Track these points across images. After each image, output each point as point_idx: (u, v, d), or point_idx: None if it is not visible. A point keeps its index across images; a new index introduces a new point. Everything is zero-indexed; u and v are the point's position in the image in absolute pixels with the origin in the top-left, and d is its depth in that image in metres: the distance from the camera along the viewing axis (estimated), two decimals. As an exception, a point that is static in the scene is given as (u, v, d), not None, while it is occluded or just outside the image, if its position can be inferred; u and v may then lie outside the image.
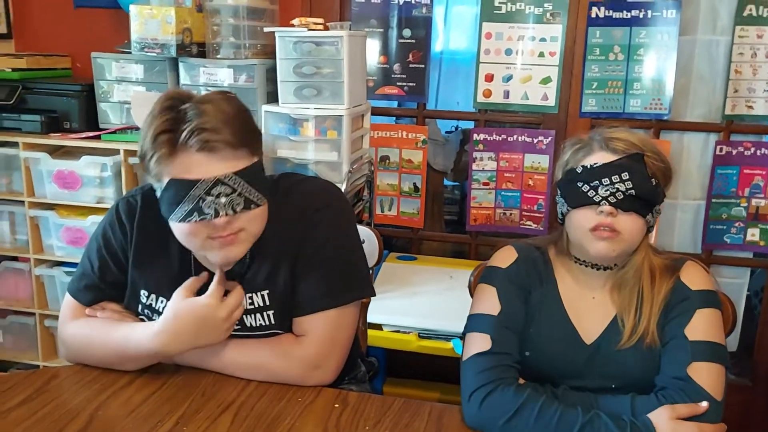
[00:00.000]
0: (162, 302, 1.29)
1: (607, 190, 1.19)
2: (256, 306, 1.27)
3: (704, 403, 1.12)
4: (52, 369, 1.30)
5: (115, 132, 2.25)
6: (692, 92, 2.48)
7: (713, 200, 2.51)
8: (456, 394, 1.21)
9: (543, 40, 2.49)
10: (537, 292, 1.29)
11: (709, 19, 2.42)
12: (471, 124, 2.72)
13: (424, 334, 2.14)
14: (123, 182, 2.22)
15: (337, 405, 1.20)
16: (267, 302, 1.27)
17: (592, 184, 1.20)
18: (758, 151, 2.46)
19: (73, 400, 1.19)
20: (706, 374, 1.15)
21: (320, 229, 1.26)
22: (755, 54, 2.40)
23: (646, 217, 1.21)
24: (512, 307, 1.26)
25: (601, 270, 1.28)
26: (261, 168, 1.23)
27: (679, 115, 2.50)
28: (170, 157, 1.13)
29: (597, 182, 1.20)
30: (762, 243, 2.52)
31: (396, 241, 3.04)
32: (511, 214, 2.65)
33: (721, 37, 2.42)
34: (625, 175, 1.19)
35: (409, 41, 2.61)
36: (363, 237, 1.70)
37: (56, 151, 2.30)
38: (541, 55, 2.50)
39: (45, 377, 1.26)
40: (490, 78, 2.56)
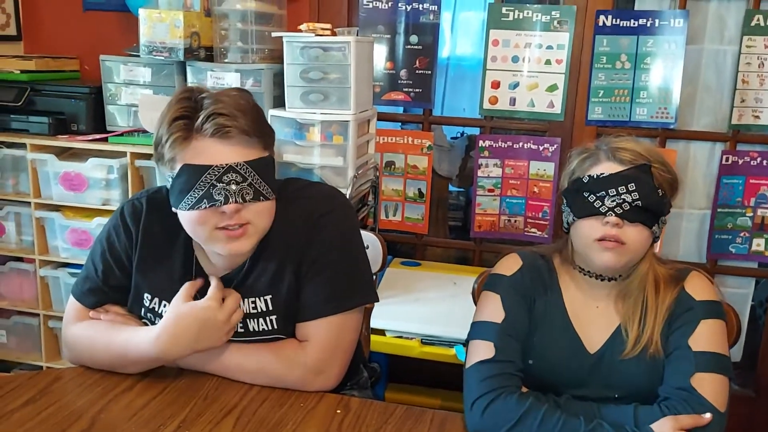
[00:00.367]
0: (164, 306, 1.29)
1: (613, 201, 1.19)
2: (259, 311, 1.28)
3: (708, 415, 1.11)
4: (55, 371, 1.30)
5: (122, 134, 2.26)
6: (699, 101, 2.47)
7: (719, 210, 2.51)
8: (458, 401, 1.21)
9: (550, 47, 2.50)
10: (541, 301, 1.29)
11: (716, 28, 2.42)
12: (477, 131, 2.72)
13: (427, 341, 2.14)
14: (129, 185, 2.23)
15: (338, 411, 1.20)
16: (270, 307, 1.27)
17: (598, 195, 1.20)
18: (764, 161, 2.46)
19: (76, 402, 1.19)
20: (709, 385, 1.14)
21: (324, 234, 1.26)
22: (762, 64, 2.39)
23: (652, 228, 1.21)
24: (516, 315, 1.26)
25: (605, 280, 1.27)
26: (272, 164, 1.25)
27: (685, 124, 2.49)
28: (185, 141, 1.16)
29: (603, 193, 1.20)
30: (767, 253, 2.51)
31: (400, 247, 3.04)
32: (515, 221, 2.65)
33: (728, 47, 2.42)
34: (632, 186, 1.19)
35: (416, 47, 2.61)
36: (367, 242, 1.70)
37: (63, 153, 2.31)
38: (548, 62, 2.51)
39: (48, 379, 1.26)
40: (496, 85, 2.56)
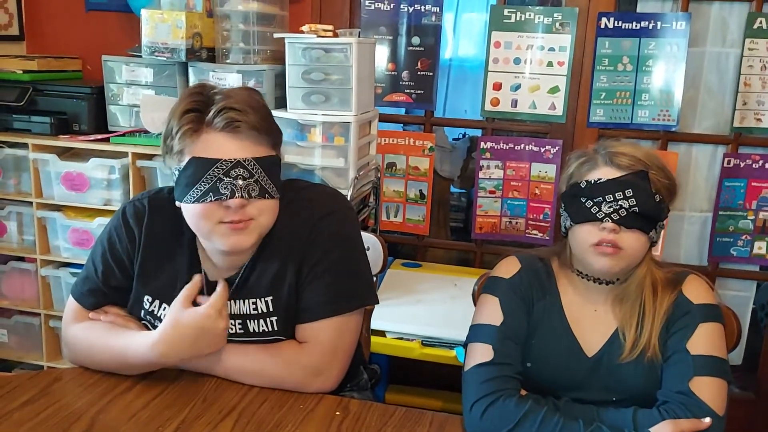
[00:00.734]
0: (164, 309, 1.29)
1: (610, 207, 1.19)
2: (260, 312, 1.28)
3: (707, 419, 1.11)
4: (55, 371, 1.30)
5: (123, 135, 2.27)
6: (701, 104, 2.47)
7: (720, 213, 2.50)
8: (459, 402, 1.21)
9: (552, 49, 2.49)
10: (539, 304, 1.29)
11: (718, 31, 2.42)
12: (478, 132, 2.72)
13: (428, 342, 2.14)
14: (131, 185, 2.23)
15: (338, 412, 1.20)
16: (270, 308, 1.28)
17: (595, 200, 1.20)
18: (766, 164, 2.45)
19: (75, 403, 1.19)
20: (708, 389, 1.14)
21: (325, 236, 1.27)
22: (765, 67, 2.39)
23: (650, 233, 1.21)
24: (514, 318, 1.26)
25: (603, 284, 1.27)
26: (279, 164, 1.26)
27: (687, 126, 2.49)
28: (195, 134, 1.18)
29: (600, 198, 1.20)
30: (769, 256, 2.51)
31: (401, 248, 3.04)
32: (517, 222, 2.65)
33: (730, 50, 2.42)
34: (629, 192, 1.19)
35: (418, 49, 2.61)
36: (368, 244, 1.70)
37: (65, 153, 2.31)
38: (550, 64, 2.50)
39: (48, 379, 1.27)
40: (498, 86, 2.56)
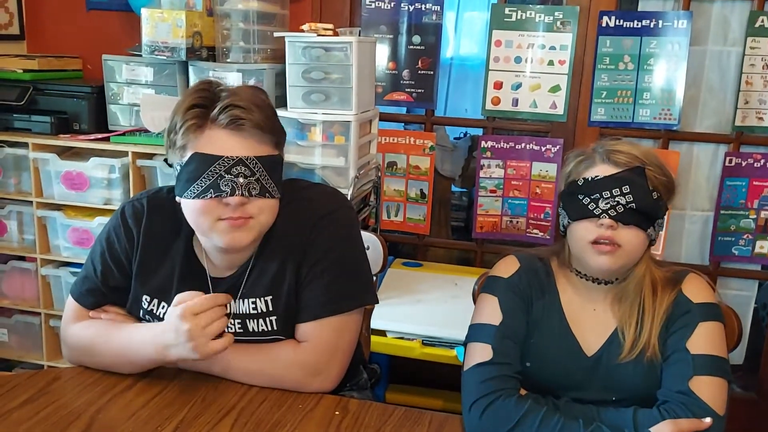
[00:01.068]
0: (163, 308, 1.29)
1: (607, 203, 1.19)
2: (259, 311, 1.27)
3: (708, 419, 1.11)
4: (54, 370, 1.30)
5: (124, 134, 2.26)
6: (702, 103, 2.47)
7: (722, 212, 2.50)
8: (460, 402, 1.21)
9: (553, 48, 2.49)
10: (539, 303, 1.29)
11: (720, 29, 2.41)
12: (480, 131, 2.72)
13: (428, 342, 2.14)
14: (131, 184, 2.23)
15: (337, 412, 1.20)
16: (270, 308, 1.27)
17: (592, 197, 1.20)
18: (768, 163, 2.45)
19: (75, 402, 1.19)
20: (708, 388, 1.14)
21: (325, 236, 1.26)
22: (766, 65, 2.38)
23: (647, 230, 1.21)
24: (514, 318, 1.26)
25: (602, 284, 1.27)
26: (281, 164, 1.26)
27: (688, 125, 2.48)
28: (198, 129, 1.18)
29: (597, 195, 1.20)
30: (770, 256, 2.50)
31: (402, 248, 3.04)
32: (517, 222, 2.64)
33: (732, 48, 2.41)
34: (626, 189, 1.18)
35: (419, 48, 2.61)
36: (368, 243, 1.70)
37: (65, 152, 2.31)
38: (551, 63, 2.50)
39: (47, 378, 1.27)
40: (499, 85, 2.56)
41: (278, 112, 2.10)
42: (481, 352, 1.21)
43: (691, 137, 2.49)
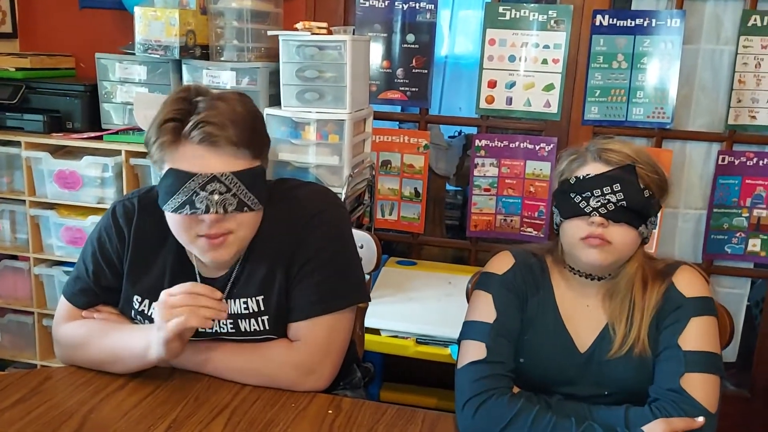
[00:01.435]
0: (154, 308, 1.29)
1: (598, 201, 1.19)
2: (251, 311, 1.27)
3: (700, 419, 1.11)
4: (46, 370, 1.30)
5: (117, 133, 2.26)
6: (695, 101, 2.47)
7: (715, 210, 2.51)
8: (454, 400, 1.21)
9: (546, 47, 2.49)
10: (533, 299, 1.29)
11: (713, 28, 2.42)
12: (474, 130, 2.72)
13: (422, 340, 2.14)
14: (124, 183, 2.22)
15: (330, 411, 1.20)
16: (262, 307, 1.27)
17: (583, 195, 1.20)
18: (761, 162, 2.46)
19: (67, 401, 1.18)
20: (700, 386, 1.14)
21: (316, 234, 1.26)
22: (759, 64, 2.39)
23: (639, 228, 1.21)
24: (508, 315, 1.26)
25: (594, 280, 1.27)
26: (262, 174, 1.23)
27: (681, 124, 2.49)
28: (172, 144, 1.15)
29: (589, 193, 1.20)
30: (763, 253, 2.51)
31: (396, 246, 3.04)
32: (511, 220, 2.65)
33: (725, 47, 2.42)
34: (617, 187, 1.19)
35: (413, 46, 2.61)
36: (361, 242, 1.70)
37: (58, 151, 2.30)
38: (545, 62, 2.50)
39: (39, 378, 1.26)
40: (493, 84, 2.56)
41: (272, 111, 2.14)
42: (475, 351, 1.21)
43: (684, 136, 2.50)
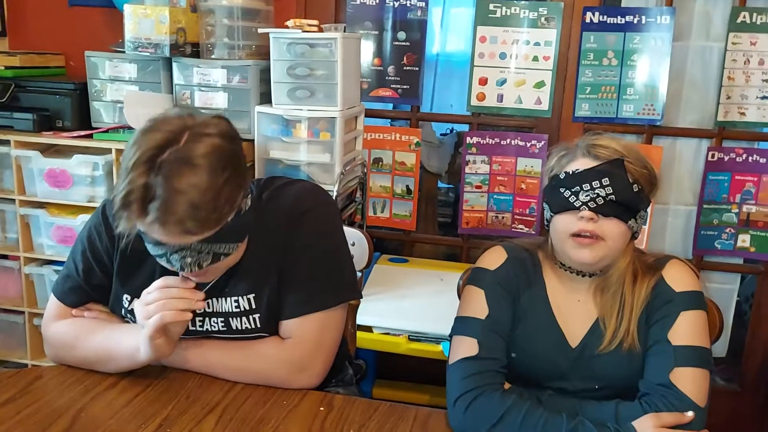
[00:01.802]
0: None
1: (587, 196, 1.20)
2: (242, 310, 1.27)
3: (690, 413, 1.12)
4: (36, 369, 1.29)
5: (107, 131, 2.25)
6: (685, 98, 2.49)
7: (705, 206, 2.52)
8: (446, 396, 1.21)
9: (537, 44, 2.50)
10: (525, 295, 1.29)
11: (702, 25, 2.43)
12: (465, 127, 2.73)
13: (414, 337, 2.15)
14: (114, 181, 2.21)
15: (322, 408, 1.20)
16: (253, 306, 1.27)
17: (573, 190, 1.21)
18: (750, 158, 2.47)
19: (57, 401, 1.18)
20: (689, 380, 1.15)
21: (306, 232, 1.26)
22: (748, 61, 2.41)
23: (629, 222, 1.21)
24: (500, 311, 1.26)
25: (585, 276, 1.28)
26: (238, 218, 1.15)
27: (671, 120, 2.51)
28: (137, 219, 1.07)
29: (578, 188, 1.20)
30: (752, 249, 2.53)
31: (388, 244, 3.04)
32: (503, 217, 2.65)
33: (714, 44, 2.43)
34: (606, 181, 1.19)
35: (404, 44, 2.61)
36: (353, 239, 1.70)
37: (48, 150, 2.29)
38: (535, 59, 2.51)
39: (29, 377, 1.26)
40: (484, 81, 2.56)
41: (263, 109, 2.14)
42: (467, 347, 1.22)
43: (674, 132, 2.52)
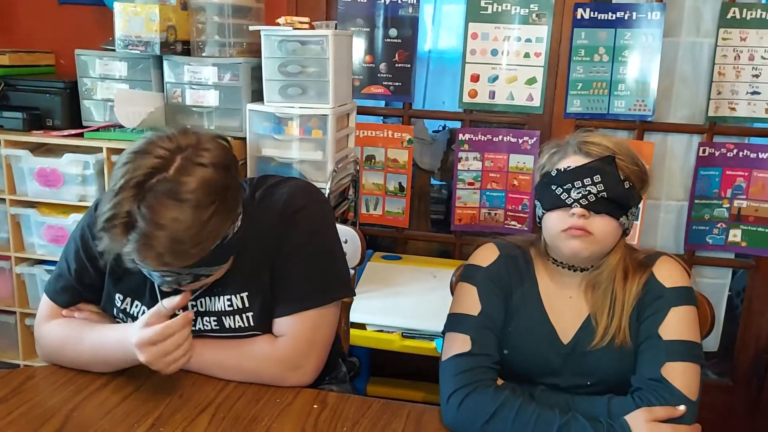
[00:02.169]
0: (137, 306, 1.28)
1: (579, 193, 1.20)
2: (235, 308, 1.27)
3: (682, 407, 1.12)
4: (28, 369, 1.29)
5: (98, 130, 2.24)
6: (676, 94, 2.49)
7: (696, 201, 2.53)
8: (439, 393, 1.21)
9: (528, 40, 2.50)
10: (518, 291, 1.29)
11: (692, 21, 2.44)
12: (457, 124, 2.73)
13: (408, 334, 2.15)
14: (106, 180, 2.20)
15: (315, 406, 1.20)
16: (246, 304, 1.27)
17: (564, 187, 1.21)
18: (740, 153, 2.48)
19: (49, 400, 1.18)
20: (680, 374, 1.15)
21: (298, 230, 1.26)
22: (738, 56, 2.42)
23: (620, 219, 1.22)
24: (492, 308, 1.27)
25: (577, 271, 1.28)
26: (224, 240, 1.14)
27: (662, 116, 2.51)
28: (120, 242, 1.06)
29: (569, 185, 1.21)
30: (743, 244, 2.54)
31: (381, 241, 3.04)
32: (495, 214, 2.66)
33: (704, 40, 2.44)
34: (597, 178, 1.20)
35: (396, 41, 2.60)
36: (346, 237, 1.70)
37: (38, 149, 2.28)
38: (527, 55, 2.51)
39: (21, 378, 1.25)
40: (475, 78, 2.56)
41: (255, 107, 2.13)
42: (460, 343, 1.22)
43: (665, 128, 2.52)
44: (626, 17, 2.42)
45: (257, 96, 2.19)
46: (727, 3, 2.38)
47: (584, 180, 1.20)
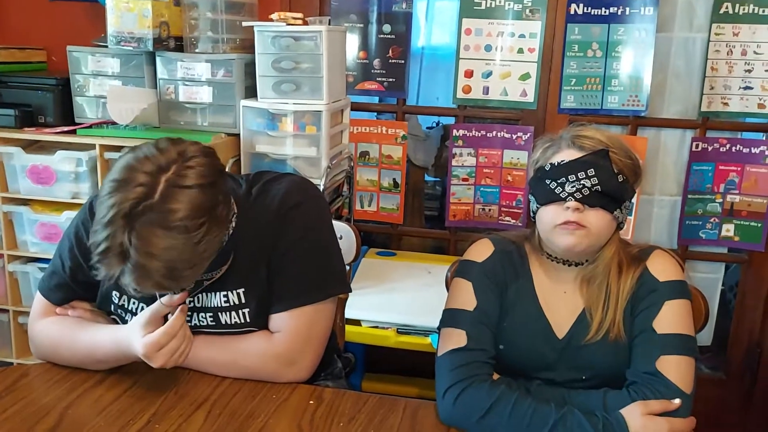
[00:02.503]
0: (134, 303, 1.28)
1: (573, 187, 1.20)
2: (231, 304, 1.27)
3: (677, 401, 1.13)
4: (22, 367, 1.28)
5: (90, 126, 2.22)
6: (669, 89, 2.50)
7: (689, 196, 2.54)
8: (435, 389, 1.21)
9: (522, 36, 2.50)
10: (513, 286, 1.30)
11: (685, 16, 2.44)
12: (451, 120, 2.73)
13: (403, 330, 2.15)
14: (99, 177, 2.19)
15: (311, 401, 1.20)
16: (243, 300, 1.27)
17: (558, 181, 1.21)
18: (733, 148, 2.49)
19: (43, 398, 1.17)
20: (675, 368, 1.16)
21: (294, 226, 1.26)
22: (731, 51, 2.42)
23: (614, 212, 1.22)
24: (488, 303, 1.27)
25: (572, 265, 1.28)
26: (217, 252, 1.15)
27: (656, 111, 2.52)
28: (117, 270, 1.05)
29: (564, 179, 1.21)
30: (736, 238, 2.55)
31: (375, 237, 3.04)
32: (490, 209, 2.66)
33: (697, 35, 2.45)
34: (591, 172, 1.20)
35: (389, 37, 2.60)
36: (341, 233, 1.70)
37: (30, 146, 2.26)
38: (521, 51, 2.51)
39: (15, 375, 1.25)
40: (469, 74, 2.56)
41: (248, 103, 2.13)
42: (455, 338, 1.22)
43: (659, 123, 2.53)
44: (619, 12, 2.43)
45: (251, 92, 2.19)
46: (719, -2, 2.39)
47: (578, 174, 1.20)
